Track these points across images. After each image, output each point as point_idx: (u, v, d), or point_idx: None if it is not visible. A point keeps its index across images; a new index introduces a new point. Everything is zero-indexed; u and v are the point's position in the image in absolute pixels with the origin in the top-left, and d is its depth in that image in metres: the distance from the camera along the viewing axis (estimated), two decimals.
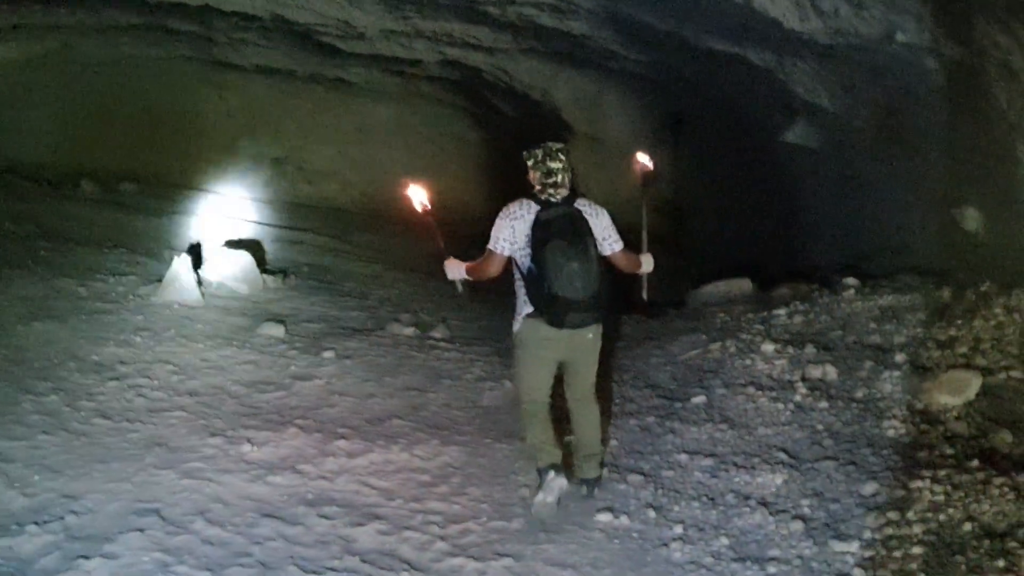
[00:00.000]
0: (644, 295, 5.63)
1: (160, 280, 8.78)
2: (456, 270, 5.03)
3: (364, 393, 6.85)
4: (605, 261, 4.88)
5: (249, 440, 5.55)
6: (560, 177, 4.79)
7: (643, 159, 5.91)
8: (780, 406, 6.06)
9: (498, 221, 4.78)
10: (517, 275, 4.85)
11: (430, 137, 18.52)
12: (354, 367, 7.43)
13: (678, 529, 4.82)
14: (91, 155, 17.19)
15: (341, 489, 5.13)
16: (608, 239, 4.91)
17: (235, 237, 12.60)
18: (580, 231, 4.66)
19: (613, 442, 6.00)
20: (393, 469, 5.50)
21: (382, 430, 6.12)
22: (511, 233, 4.71)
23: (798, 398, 6.13)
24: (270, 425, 5.89)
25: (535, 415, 5.05)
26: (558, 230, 4.58)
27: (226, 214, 15.16)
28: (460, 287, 5.17)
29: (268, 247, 12.77)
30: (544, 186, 4.78)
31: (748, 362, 7.00)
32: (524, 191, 4.93)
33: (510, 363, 6.17)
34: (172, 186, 17.09)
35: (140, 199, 15.09)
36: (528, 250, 4.68)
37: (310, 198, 18.28)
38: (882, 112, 9.32)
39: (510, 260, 4.84)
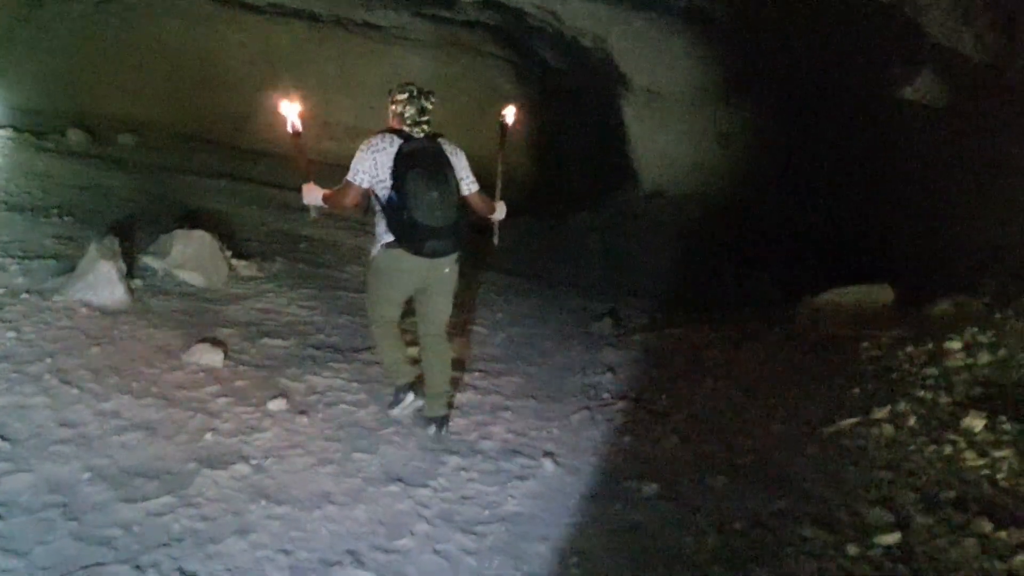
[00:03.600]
0: (496, 240, 5.15)
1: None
2: (313, 196, 4.42)
3: (310, 493, 3.72)
4: (461, 200, 4.44)
5: None
6: (430, 117, 4.36)
7: (508, 113, 5.03)
8: None
9: (359, 153, 4.26)
10: (377, 207, 4.36)
11: (467, 90, 15.22)
12: (310, 431, 4.32)
13: None
14: (92, 102, 14.30)
15: None
16: (465, 179, 4.50)
17: (217, 204, 9.56)
18: (441, 163, 4.30)
19: None
20: None
21: None
22: (372, 165, 4.22)
23: None
24: None
25: (386, 332, 4.60)
26: (420, 161, 4.19)
27: (229, 172, 12.10)
28: (314, 213, 4.57)
29: (268, 215, 9.73)
30: (416, 123, 4.33)
31: (947, 450, 3.88)
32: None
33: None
34: (180, 139, 14.06)
35: (133, 153, 12.08)
36: (390, 181, 4.21)
37: (333, 156, 15.16)
38: None
39: (367, 194, 4.34)
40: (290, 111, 4.40)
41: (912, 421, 4.17)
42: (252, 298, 6.37)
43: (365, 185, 4.21)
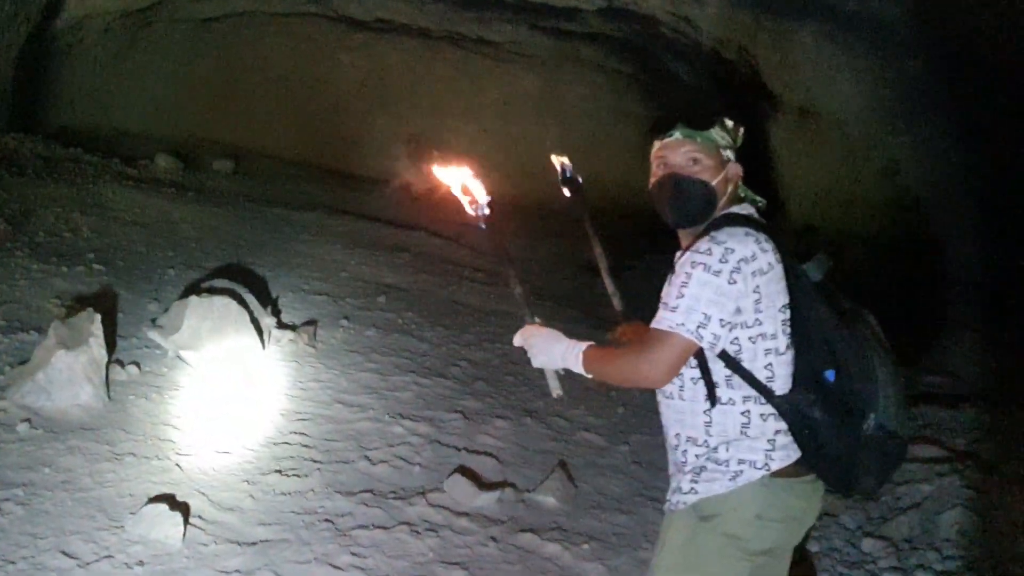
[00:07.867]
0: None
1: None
2: (554, 355, 1.96)
3: None
4: None
5: None
6: None
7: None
8: None
9: (704, 274, 1.78)
10: (728, 390, 1.86)
11: (588, 112, 13.09)
12: None
13: None
14: (194, 126, 12.83)
15: None
16: None
17: (295, 242, 7.69)
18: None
19: None
20: None
21: None
22: (750, 304, 1.81)
23: None
24: None
25: None
26: (854, 310, 1.95)
27: (326, 203, 10.32)
28: (557, 388, 2.05)
29: (351, 256, 7.82)
30: (753, 201, 2.04)
31: None
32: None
33: None
34: (282, 164, 12.41)
35: (224, 182, 10.42)
36: (785, 336, 1.85)
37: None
38: None
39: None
40: (461, 180, 2.18)
41: None
42: (283, 393, 4.41)
43: (718, 347, 1.85)
